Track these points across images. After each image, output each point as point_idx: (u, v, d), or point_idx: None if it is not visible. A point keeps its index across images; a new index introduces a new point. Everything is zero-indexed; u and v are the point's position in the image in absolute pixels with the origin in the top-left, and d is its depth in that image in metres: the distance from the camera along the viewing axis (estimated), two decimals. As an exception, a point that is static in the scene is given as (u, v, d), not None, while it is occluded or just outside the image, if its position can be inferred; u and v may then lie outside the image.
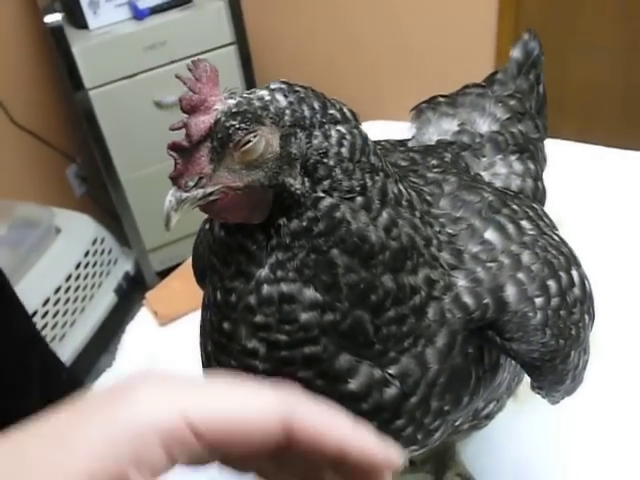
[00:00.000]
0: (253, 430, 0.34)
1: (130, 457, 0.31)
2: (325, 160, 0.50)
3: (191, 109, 0.49)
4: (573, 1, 2.18)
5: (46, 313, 2.08)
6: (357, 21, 2.43)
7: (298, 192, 0.50)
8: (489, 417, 0.72)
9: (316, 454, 0.35)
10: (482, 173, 0.74)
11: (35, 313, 2.02)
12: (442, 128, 0.80)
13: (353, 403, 0.53)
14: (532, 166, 0.77)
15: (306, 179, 0.50)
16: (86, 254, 2.26)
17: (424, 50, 2.41)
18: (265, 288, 0.51)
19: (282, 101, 0.50)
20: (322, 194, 0.50)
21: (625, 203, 1.25)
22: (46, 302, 2.08)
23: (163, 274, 2.24)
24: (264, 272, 0.51)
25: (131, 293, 2.46)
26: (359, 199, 0.51)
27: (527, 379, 0.68)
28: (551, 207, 0.80)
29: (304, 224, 0.50)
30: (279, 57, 2.54)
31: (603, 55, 2.22)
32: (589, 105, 2.32)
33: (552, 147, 0.85)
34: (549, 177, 0.82)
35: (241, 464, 0.38)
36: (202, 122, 0.48)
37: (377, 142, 0.76)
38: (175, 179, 0.49)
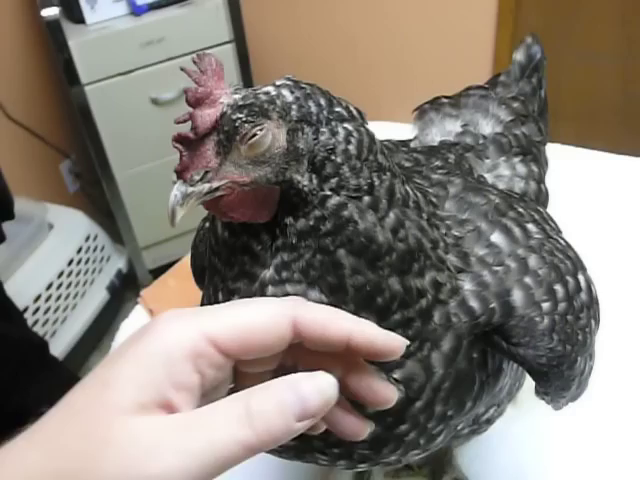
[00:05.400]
0: (267, 334, 0.38)
1: (166, 380, 0.35)
2: (333, 157, 0.49)
3: (196, 102, 0.48)
4: (571, 8, 2.18)
5: (37, 309, 2.07)
6: (355, 22, 2.43)
7: (305, 189, 0.49)
8: (490, 422, 0.71)
9: (322, 348, 0.40)
10: (485, 175, 0.73)
11: (26, 309, 2.00)
12: (445, 129, 0.79)
13: (357, 407, 0.52)
14: (535, 169, 0.77)
15: (314, 176, 0.49)
16: (79, 251, 2.24)
17: (422, 53, 2.40)
18: (270, 289, 0.50)
19: (288, 96, 0.49)
20: (329, 192, 0.49)
21: (623, 209, 1.25)
22: (37, 298, 2.07)
23: (156, 272, 2.22)
24: (269, 273, 0.51)
25: (123, 291, 2.44)
26: (366, 198, 0.50)
27: (527, 384, 0.68)
28: (550, 211, 0.80)
29: (311, 223, 0.49)
30: (277, 56, 2.53)
31: (600, 61, 2.22)
32: (586, 110, 2.33)
33: (549, 152, 0.85)
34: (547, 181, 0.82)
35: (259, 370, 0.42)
36: (208, 115, 0.47)
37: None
38: (180, 172, 0.47)
